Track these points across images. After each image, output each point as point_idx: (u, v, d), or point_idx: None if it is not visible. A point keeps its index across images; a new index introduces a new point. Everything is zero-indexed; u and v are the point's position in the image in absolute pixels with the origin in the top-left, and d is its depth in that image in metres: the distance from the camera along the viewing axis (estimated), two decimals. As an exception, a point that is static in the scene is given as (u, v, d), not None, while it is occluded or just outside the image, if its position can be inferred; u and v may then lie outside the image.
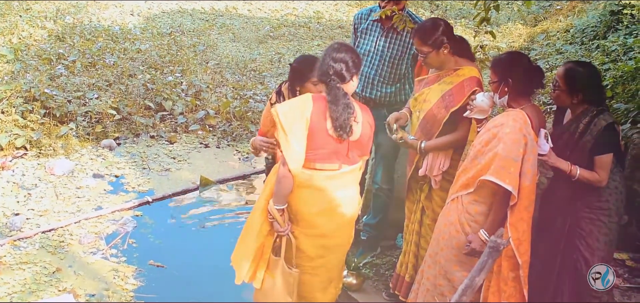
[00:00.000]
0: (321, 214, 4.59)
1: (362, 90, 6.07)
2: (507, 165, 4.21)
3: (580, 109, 4.66)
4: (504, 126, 4.32)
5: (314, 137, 4.44)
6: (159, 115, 9.94)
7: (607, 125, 4.53)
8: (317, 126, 4.44)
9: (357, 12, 6.40)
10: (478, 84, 4.92)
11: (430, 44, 4.91)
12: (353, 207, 4.74)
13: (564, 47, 12.09)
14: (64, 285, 5.76)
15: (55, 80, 10.40)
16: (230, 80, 11.97)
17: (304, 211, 4.58)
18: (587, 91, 4.61)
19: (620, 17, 11.44)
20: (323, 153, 4.48)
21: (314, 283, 4.79)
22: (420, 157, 5.14)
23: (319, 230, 4.62)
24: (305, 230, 4.62)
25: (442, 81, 5.03)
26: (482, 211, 4.42)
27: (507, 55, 4.80)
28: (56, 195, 7.35)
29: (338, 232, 4.72)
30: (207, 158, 8.97)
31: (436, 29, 4.93)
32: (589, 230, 4.67)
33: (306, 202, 4.56)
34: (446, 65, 5.03)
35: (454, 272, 4.50)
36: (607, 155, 4.52)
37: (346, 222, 4.73)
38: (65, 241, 6.45)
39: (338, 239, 4.76)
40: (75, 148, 8.56)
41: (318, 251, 4.69)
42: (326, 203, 4.57)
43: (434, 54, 4.93)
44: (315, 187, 4.52)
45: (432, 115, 5.01)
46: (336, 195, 4.58)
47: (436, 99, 4.99)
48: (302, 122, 4.41)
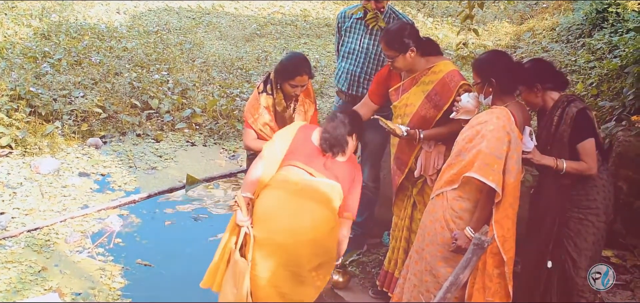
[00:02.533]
0: (273, 216, 4.56)
1: (348, 88, 6.09)
2: (491, 163, 4.24)
3: (550, 102, 4.71)
4: (488, 123, 4.34)
5: (296, 140, 4.65)
6: (145, 113, 9.91)
7: (578, 111, 4.58)
8: (301, 135, 4.70)
9: (340, 11, 6.41)
10: (459, 75, 5.00)
11: (396, 48, 4.99)
12: (316, 229, 4.59)
13: (550, 45, 12.15)
14: (49, 284, 5.74)
15: (40, 79, 10.36)
16: (216, 78, 11.95)
17: (261, 207, 4.59)
18: (543, 80, 4.72)
19: (606, 15, 11.50)
20: (302, 155, 4.61)
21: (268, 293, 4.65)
22: (414, 157, 5.18)
23: (266, 233, 4.54)
24: (256, 233, 4.56)
25: (420, 82, 5.09)
26: (467, 207, 4.44)
27: (488, 55, 4.82)
28: (42, 193, 7.31)
29: (284, 247, 4.55)
30: (193, 156, 8.96)
31: (401, 32, 5.01)
32: (577, 230, 4.69)
33: (267, 199, 4.60)
34: (417, 67, 5.09)
35: (439, 268, 4.51)
36: (587, 140, 4.55)
37: (300, 236, 4.54)
38: (51, 240, 6.42)
39: (285, 256, 4.56)
40: (61, 146, 8.52)
41: (265, 263, 4.56)
42: (285, 204, 4.57)
43: (401, 58, 5.01)
44: (284, 186, 4.58)
45: (420, 117, 5.04)
46: (300, 204, 4.57)
47: (420, 101, 5.04)
48: (288, 134, 4.71)
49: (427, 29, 15.95)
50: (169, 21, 16.49)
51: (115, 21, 15.83)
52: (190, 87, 11.03)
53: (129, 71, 11.51)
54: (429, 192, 5.03)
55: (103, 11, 16.70)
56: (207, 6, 18.56)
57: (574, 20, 12.76)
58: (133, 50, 13.10)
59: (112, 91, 10.39)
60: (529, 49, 12.49)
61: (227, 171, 8.60)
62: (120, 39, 14.02)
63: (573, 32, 12.28)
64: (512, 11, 16.87)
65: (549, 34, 13.21)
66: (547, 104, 4.75)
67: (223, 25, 16.70)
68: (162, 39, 14.53)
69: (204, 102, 10.43)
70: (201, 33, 15.75)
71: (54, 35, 13.53)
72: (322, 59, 13.91)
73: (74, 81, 10.54)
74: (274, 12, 18.59)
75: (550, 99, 4.73)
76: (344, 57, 6.18)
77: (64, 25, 14.48)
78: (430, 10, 18.47)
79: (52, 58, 11.75)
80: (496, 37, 14.83)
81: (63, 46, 12.65)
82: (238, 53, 14.03)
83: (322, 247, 4.67)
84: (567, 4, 15.03)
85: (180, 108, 10.22)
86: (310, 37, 16.06)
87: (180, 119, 9.89)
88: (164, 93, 10.64)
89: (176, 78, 11.38)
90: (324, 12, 18.97)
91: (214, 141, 9.50)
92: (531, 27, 14.58)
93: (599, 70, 8.85)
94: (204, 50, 14.04)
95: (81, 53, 12.34)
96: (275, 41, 15.50)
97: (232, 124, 9.86)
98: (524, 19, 16.07)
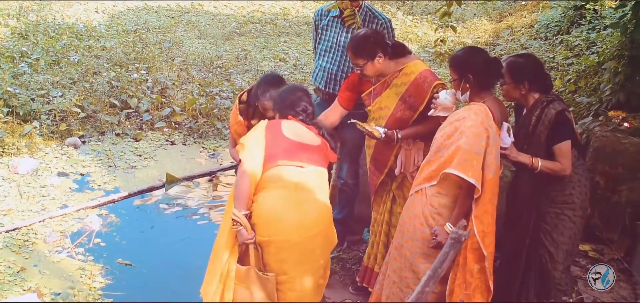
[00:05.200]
0: (281, 219, 4.50)
1: (325, 86, 6.11)
2: (470, 159, 4.26)
3: (531, 101, 4.74)
4: (466, 120, 4.37)
5: (270, 142, 4.56)
6: (124, 112, 9.86)
7: (557, 112, 4.62)
8: (272, 133, 4.61)
9: (317, 9, 6.43)
10: (431, 74, 5.03)
11: (364, 56, 5.03)
12: (319, 214, 4.64)
13: (528, 42, 12.25)
14: (28, 284, 5.70)
15: (18, 78, 10.27)
16: (196, 77, 11.91)
17: (265, 215, 4.50)
18: (532, 80, 4.72)
19: (584, 12, 11.61)
20: (282, 151, 4.54)
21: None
22: (394, 156, 5.20)
23: (279, 236, 4.50)
24: (266, 240, 4.51)
25: (392, 85, 5.13)
26: (446, 203, 4.46)
27: (464, 52, 4.86)
28: (20, 194, 7.27)
29: (301, 244, 4.56)
30: (173, 155, 8.93)
31: (367, 40, 5.06)
32: (554, 224, 4.74)
33: (268, 205, 4.50)
34: (387, 71, 5.13)
35: (418, 264, 4.53)
36: (564, 143, 4.60)
37: (310, 228, 4.57)
38: (29, 240, 6.38)
39: (300, 253, 4.58)
40: (39, 146, 8.46)
41: (281, 266, 4.56)
42: (288, 205, 4.51)
43: (369, 65, 5.05)
44: (277, 186, 4.50)
45: (396, 119, 5.08)
46: (299, 198, 4.54)
47: (395, 103, 5.08)
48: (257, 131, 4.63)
49: (406, 26, 16.00)
50: (147, 20, 16.40)
51: (93, 20, 15.72)
52: (169, 86, 10.98)
53: (108, 70, 11.44)
54: (409, 186, 5.05)
55: (81, 10, 16.58)
56: (187, 5, 18.48)
57: (552, 18, 12.87)
58: (112, 49, 13.02)
59: (91, 90, 10.34)
60: (508, 46, 12.59)
61: (207, 170, 8.58)
62: (98, 38, 13.93)
63: (551, 29, 12.39)
64: (491, 8, 16.94)
65: (528, 31, 13.32)
66: (527, 101, 4.79)
67: (202, 23, 16.64)
68: (141, 38, 14.45)
69: (183, 101, 10.39)
70: (180, 32, 15.69)
71: (31, 35, 13.40)
72: (302, 57, 13.91)
73: (52, 81, 10.48)
74: (254, 10, 18.55)
75: (531, 98, 4.76)
76: (321, 54, 6.19)
77: (41, 25, 14.37)
78: (410, 8, 18.52)
79: (30, 58, 11.65)
80: (475, 34, 14.91)
81: (41, 46, 12.55)
82: (217, 52, 13.99)
83: (329, 238, 4.75)
84: (545, 2, 15.13)
85: (160, 107, 10.18)
86: (290, 35, 16.05)
87: (159, 118, 9.85)
88: (143, 92, 10.59)
89: (155, 77, 11.33)
90: (303, 10, 18.95)
91: (193, 140, 9.47)
92: (510, 25, 14.68)
93: (577, 67, 8.94)
94: (183, 49, 13.99)
95: (59, 52, 12.25)
96: (255, 40, 15.47)
97: (212, 123, 9.84)
98: (503, 17, 16.15)
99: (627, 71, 6.60)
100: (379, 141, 5.19)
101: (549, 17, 13.06)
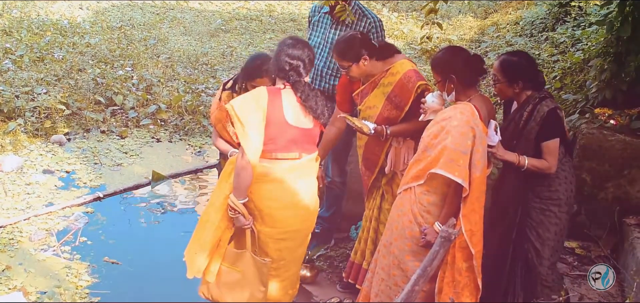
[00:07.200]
0: (284, 208, 4.62)
1: (312, 81, 6.09)
2: (456, 158, 4.26)
3: (523, 98, 4.75)
4: (452, 119, 4.37)
5: (271, 126, 4.46)
6: (109, 109, 9.83)
7: (549, 110, 4.63)
8: (273, 116, 4.47)
9: (312, 5, 6.44)
10: (416, 74, 5.02)
11: (349, 59, 5.04)
12: (314, 199, 4.82)
13: (513, 39, 12.27)
14: (13, 283, 5.66)
15: (2, 75, 10.22)
16: (181, 74, 11.88)
17: (267, 206, 4.58)
18: (525, 78, 4.72)
19: (569, 9, 11.65)
20: (282, 142, 4.51)
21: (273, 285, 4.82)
22: (384, 154, 5.20)
23: (282, 227, 4.64)
24: (268, 230, 4.62)
25: (380, 85, 5.13)
26: (434, 201, 4.46)
27: (445, 53, 4.84)
28: (5, 191, 7.21)
29: (300, 231, 4.80)
30: (159, 153, 8.91)
31: (352, 42, 5.05)
32: (540, 220, 4.76)
33: (269, 197, 4.56)
34: (374, 71, 5.13)
35: (407, 262, 4.53)
36: (553, 140, 4.62)
37: (309, 215, 4.81)
38: (14, 238, 6.34)
39: (299, 239, 4.83)
40: (24, 144, 8.41)
41: (281, 253, 4.72)
42: (289, 196, 4.60)
43: (355, 67, 5.05)
44: (276, 179, 4.54)
45: (384, 118, 5.08)
46: (298, 187, 4.63)
47: (382, 103, 5.09)
48: (258, 112, 4.43)
49: (392, 23, 16.01)
50: (132, 16, 16.35)
51: (78, 17, 15.66)
52: (155, 83, 10.96)
53: (93, 67, 11.40)
54: (399, 183, 5.04)
55: (66, 7, 16.50)
56: (172, 1, 18.44)
57: (538, 15, 12.89)
58: (96, 46, 12.96)
59: (76, 87, 10.29)
60: (493, 43, 12.60)
61: (193, 167, 8.56)
62: (83, 34, 13.88)
63: (536, 26, 12.41)
64: (476, 5, 16.98)
65: (513, 28, 13.35)
66: (519, 98, 4.79)
67: (188, 20, 16.61)
68: (125, 34, 14.40)
69: (169, 98, 10.36)
70: (165, 28, 15.65)
71: (15, 32, 13.34)
72: (288, 54, 13.85)
73: (37, 78, 10.42)
74: (239, 7, 18.52)
75: (523, 95, 4.76)
76: (310, 50, 6.18)
77: (25, 21, 14.30)
78: (395, 5, 18.52)
79: (14, 54, 11.59)
80: (461, 31, 14.93)
81: (25, 42, 12.49)
82: (203, 48, 13.96)
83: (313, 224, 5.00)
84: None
85: (145, 104, 10.15)
86: (275, 32, 16.02)
87: (145, 115, 9.81)
88: (128, 89, 10.55)
89: (141, 74, 11.30)
90: (289, 7, 18.93)
91: (179, 137, 9.45)
92: (495, 22, 14.71)
93: (563, 64, 8.96)
94: (168, 45, 13.95)
95: (43, 49, 12.19)
96: (240, 36, 15.45)
97: (198, 120, 9.81)
98: (488, 14, 16.20)
99: (612, 68, 6.61)
100: (369, 140, 5.20)
101: (534, 14, 13.09)
